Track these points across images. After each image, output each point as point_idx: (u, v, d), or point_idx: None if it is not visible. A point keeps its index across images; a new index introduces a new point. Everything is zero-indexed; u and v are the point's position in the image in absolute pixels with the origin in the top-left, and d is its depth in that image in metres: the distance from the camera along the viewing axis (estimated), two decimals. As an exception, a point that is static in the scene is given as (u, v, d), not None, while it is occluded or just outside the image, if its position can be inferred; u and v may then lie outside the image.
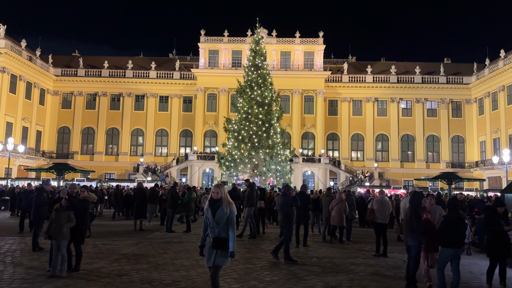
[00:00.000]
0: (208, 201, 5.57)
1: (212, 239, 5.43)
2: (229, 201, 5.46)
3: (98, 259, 9.23)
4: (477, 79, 50.32)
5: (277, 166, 30.09)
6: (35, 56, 49.56)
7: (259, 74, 31.78)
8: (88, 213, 7.63)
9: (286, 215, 9.62)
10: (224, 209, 5.41)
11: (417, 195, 7.13)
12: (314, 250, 11.39)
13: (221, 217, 5.37)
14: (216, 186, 5.60)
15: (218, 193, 5.44)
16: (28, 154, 46.69)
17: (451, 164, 50.57)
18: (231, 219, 5.43)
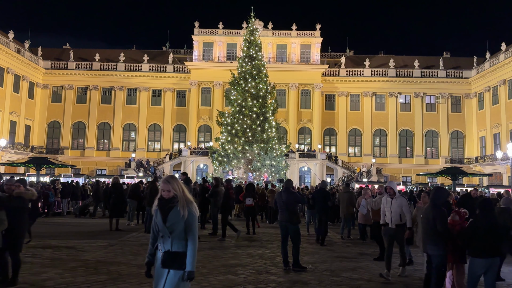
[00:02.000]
0: (157, 199, 4.01)
1: (162, 253, 3.91)
2: (187, 200, 3.92)
3: (51, 267, 7.83)
4: (477, 73, 49.28)
5: (272, 162, 28.89)
6: (24, 49, 48.06)
7: (254, 66, 30.51)
8: (26, 213, 6.28)
9: (293, 214, 8.50)
10: (180, 211, 3.85)
11: (441, 192, 5.81)
12: (310, 254, 10.13)
13: (176, 222, 3.83)
14: (166, 180, 4.00)
15: (169, 190, 3.89)
16: (16, 149, 45.30)
17: (450, 159, 49.56)
18: (191, 224, 3.89)
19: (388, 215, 7.87)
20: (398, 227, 7.76)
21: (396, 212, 7.70)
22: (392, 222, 7.78)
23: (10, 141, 45.03)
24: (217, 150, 30.80)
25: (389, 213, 7.82)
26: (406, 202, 7.79)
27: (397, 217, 7.74)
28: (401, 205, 7.71)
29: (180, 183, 3.99)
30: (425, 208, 5.88)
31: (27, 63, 47.98)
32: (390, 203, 7.83)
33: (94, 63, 51.48)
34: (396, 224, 7.76)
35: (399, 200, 7.78)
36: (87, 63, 51.71)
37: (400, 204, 7.72)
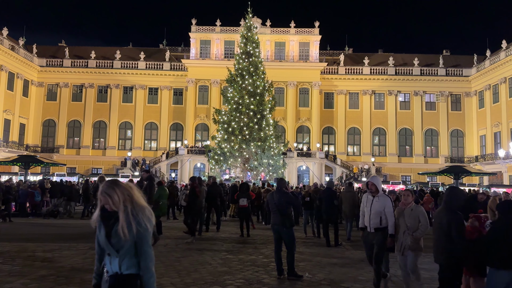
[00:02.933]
0: (99, 209, 3.12)
1: (109, 277, 3.03)
2: (137, 207, 3.01)
3: (19, 276, 7.03)
4: (478, 71, 48.73)
5: (269, 160, 28.24)
6: (18, 46, 47.34)
7: (251, 62, 29.84)
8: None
9: (286, 216, 7.54)
10: (120, 231, 2.94)
11: (456, 193, 4.94)
12: (307, 259, 9.28)
13: (121, 239, 2.95)
14: (104, 192, 3.04)
15: (110, 202, 2.99)
16: (10, 147, 44.57)
17: (450, 158, 49.02)
18: (141, 239, 2.98)
19: (367, 216, 6.63)
20: (377, 232, 6.50)
21: (377, 213, 6.50)
22: (370, 226, 6.58)
23: (4, 140, 44.39)
24: (213, 148, 30.12)
25: (368, 214, 6.59)
26: (391, 203, 6.52)
27: (377, 220, 6.50)
28: (383, 206, 6.46)
29: (126, 188, 3.06)
30: (437, 211, 5.09)
31: (22, 61, 47.26)
32: (371, 202, 6.60)
33: (89, 60, 50.77)
34: (375, 228, 6.52)
35: (382, 199, 6.50)
36: (83, 61, 51.01)
37: (383, 204, 6.47)
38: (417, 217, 6.22)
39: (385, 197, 6.58)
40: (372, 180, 6.79)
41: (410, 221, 6.23)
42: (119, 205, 2.99)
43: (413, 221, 6.21)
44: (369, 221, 6.60)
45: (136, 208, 3.03)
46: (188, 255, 9.13)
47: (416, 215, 6.25)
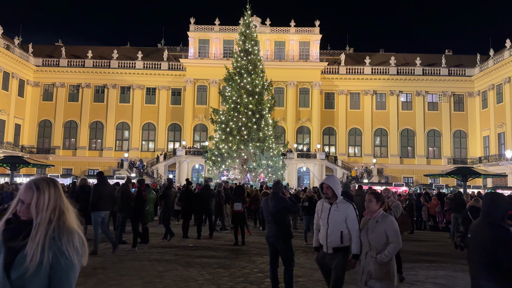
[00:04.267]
0: (3, 222, 2.03)
1: None
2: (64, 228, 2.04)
3: None
4: (481, 71, 47.91)
5: (268, 161, 27.36)
6: (13, 45, 46.55)
7: (249, 60, 28.98)
8: None
9: (283, 227, 6.29)
10: (29, 255, 1.92)
11: (497, 201, 3.45)
12: (308, 274, 8.06)
13: (27, 273, 1.91)
14: (41, 179, 2.11)
15: (29, 205, 2.02)
16: (5, 148, 43.74)
17: (453, 160, 48.16)
18: (61, 279, 1.97)
19: (323, 231, 4.95)
20: (337, 253, 4.83)
21: (336, 227, 4.83)
22: (327, 244, 4.87)
23: (-2, 141, 43.58)
24: (210, 149, 29.25)
25: (325, 228, 4.92)
26: (354, 212, 4.88)
27: (336, 236, 4.82)
28: (344, 216, 4.82)
29: (59, 196, 2.09)
30: (475, 225, 3.59)
31: (17, 60, 46.48)
32: (327, 212, 4.93)
33: (86, 60, 49.97)
34: (334, 248, 4.83)
35: (343, 208, 4.87)
36: (80, 61, 50.20)
37: (343, 214, 4.83)
38: (383, 233, 4.49)
39: (346, 205, 4.91)
40: (327, 181, 5.00)
41: (374, 237, 4.50)
42: (43, 213, 1.98)
43: (377, 237, 4.48)
44: (326, 238, 4.88)
45: (62, 228, 2.01)
46: (173, 269, 8.17)
47: (382, 229, 4.48)
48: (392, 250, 4.42)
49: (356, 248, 4.73)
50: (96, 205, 9.54)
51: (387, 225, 4.53)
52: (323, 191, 5.02)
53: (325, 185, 4.99)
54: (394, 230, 4.51)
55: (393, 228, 4.52)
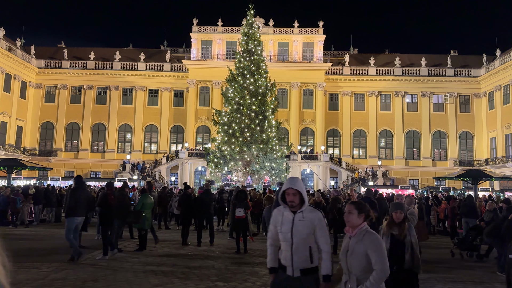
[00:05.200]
0: None
1: None
2: None
3: None
4: (487, 71, 47.21)
5: (271, 163, 26.84)
6: (15, 47, 46.33)
7: (252, 61, 28.50)
8: None
9: None
10: None
11: None
12: None
13: None
14: None
15: None
16: (7, 150, 43.46)
17: (459, 162, 47.45)
18: None
19: (286, 248, 3.82)
20: (306, 276, 3.75)
21: (304, 242, 3.76)
22: (293, 265, 3.76)
23: (0, 143, 43.31)
24: (212, 151, 28.75)
25: (288, 244, 3.80)
26: (323, 222, 3.85)
27: (305, 254, 3.75)
28: (312, 227, 3.77)
29: None
30: None
31: (19, 62, 46.25)
32: (290, 223, 3.83)
33: (89, 62, 49.68)
34: (302, 270, 3.75)
35: (310, 217, 3.80)
36: (82, 62, 49.91)
37: (311, 224, 3.77)
38: (363, 255, 3.50)
39: (314, 213, 3.84)
40: (294, 185, 3.84)
41: (352, 260, 3.56)
42: None
43: (355, 261, 3.53)
44: (291, 257, 3.77)
45: None
46: (168, 282, 7.54)
47: (362, 250, 3.50)
48: (375, 280, 3.39)
49: (327, 268, 3.70)
50: (73, 211, 9.05)
51: (369, 245, 3.47)
52: (287, 199, 3.85)
53: (291, 191, 3.82)
54: (379, 251, 3.46)
55: (377, 249, 3.47)
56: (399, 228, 4.93)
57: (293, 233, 3.79)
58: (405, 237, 4.91)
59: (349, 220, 3.68)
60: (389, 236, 4.96)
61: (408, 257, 4.85)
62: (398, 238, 4.91)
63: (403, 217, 4.76)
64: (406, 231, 4.96)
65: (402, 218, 4.90)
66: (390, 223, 4.99)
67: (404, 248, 4.88)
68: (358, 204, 3.76)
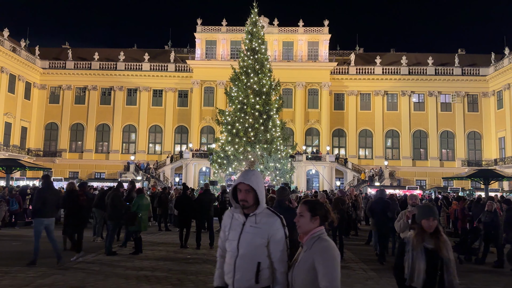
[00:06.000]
0: None
1: None
2: None
3: None
4: (495, 70, 46.43)
5: (276, 164, 26.39)
6: (20, 47, 46.31)
7: (256, 60, 28.06)
8: None
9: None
10: None
11: None
12: None
13: None
14: None
15: None
16: (11, 151, 43.39)
17: (467, 162, 46.69)
18: None
19: (230, 261, 3.08)
20: None
21: (251, 255, 3.00)
22: (234, 284, 3.03)
23: (4, 143, 43.26)
24: (216, 151, 28.36)
25: (233, 256, 3.05)
26: (282, 231, 3.06)
27: (250, 271, 2.99)
28: (266, 237, 3.01)
29: None
30: None
31: (23, 63, 46.22)
32: (239, 229, 3.08)
33: (93, 62, 49.57)
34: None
35: (266, 223, 3.04)
36: (86, 63, 49.81)
37: (266, 233, 3.02)
38: (309, 267, 2.84)
39: (271, 219, 3.05)
40: (242, 177, 3.10)
41: (295, 274, 2.91)
42: None
43: (300, 275, 2.87)
44: (233, 273, 3.01)
45: None
46: None
47: (309, 262, 2.84)
48: None
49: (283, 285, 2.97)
50: (39, 212, 8.67)
51: (317, 254, 2.77)
52: (238, 196, 3.07)
53: (243, 187, 3.03)
54: (328, 263, 2.75)
55: (326, 260, 2.77)
56: (434, 240, 3.69)
57: (240, 242, 3.00)
58: (443, 253, 3.68)
59: (300, 225, 2.96)
60: (423, 251, 3.68)
61: (450, 278, 3.63)
62: (435, 254, 3.66)
63: (437, 225, 3.71)
64: (445, 245, 3.70)
65: (435, 226, 3.72)
66: (420, 234, 3.74)
67: (443, 267, 3.64)
68: (312, 204, 3.02)
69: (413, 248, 3.69)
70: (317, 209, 2.99)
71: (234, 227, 3.09)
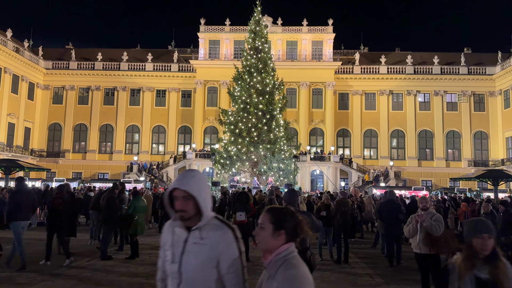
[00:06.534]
0: None
1: None
2: None
3: None
4: (502, 69, 45.80)
5: (279, 164, 26.02)
6: (23, 48, 46.23)
7: (259, 59, 27.73)
8: None
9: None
10: None
11: None
12: None
13: None
14: None
15: None
16: (14, 152, 43.29)
17: (473, 162, 46.09)
18: None
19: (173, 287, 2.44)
20: None
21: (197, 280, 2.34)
22: None
23: (8, 144, 43.19)
24: (219, 152, 28.03)
25: (175, 282, 2.39)
26: (235, 247, 2.37)
27: None
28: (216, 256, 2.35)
29: None
30: None
31: (27, 63, 46.15)
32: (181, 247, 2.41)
33: (96, 62, 49.43)
34: None
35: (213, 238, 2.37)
36: (89, 63, 49.69)
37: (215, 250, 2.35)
38: None
39: (221, 231, 2.40)
40: (178, 181, 2.45)
41: None
42: None
43: None
44: None
45: None
46: None
47: None
48: None
49: None
50: (14, 215, 8.36)
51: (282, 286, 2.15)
52: (175, 205, 2.41)
53: (179, 193, 2.38)
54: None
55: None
56: (490, 266, 2.74)
57: (182, 264, 2.37)
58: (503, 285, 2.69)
59: (259, 240, 2.26)
60: (473, 282, 2.77)
61: None
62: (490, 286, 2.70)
63: (494, 246, 2.79)
64: (506, 273, 2.73)
65: (491, 247, 2.74)
66: (470, 258, 2.80)
67: None
68: (277, 213, 2.28)
69: (460, 277, 2.76)
70: (284, 221, 2.25)
71: (176, 244, 2.42)
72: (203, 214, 2.39)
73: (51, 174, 44.88)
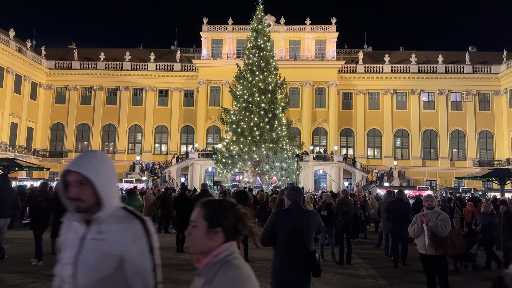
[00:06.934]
0: None
1: None
2: None
3: None
4: (508, 67, 45.35)
5: (282, 164, 25.76)
6: (26, 48, 46.21)
7: (262, 57, 27.51)
8: None
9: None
10: None
11: None
12: None
13: None
14: None
15: None
16: (17, 152, 43.25)
17: (478, 162, 45.65)
18: None
19: None
20: None
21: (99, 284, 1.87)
22: None
23: (10, 144, 43.15)
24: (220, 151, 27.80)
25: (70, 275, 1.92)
26: (143, 242, 1.92)
27: None
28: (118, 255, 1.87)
29: None
30: None
31: (29, 63, 46.12)
32: (76, 245, 1.96)
33: (99, 62, 49.36)
34: None
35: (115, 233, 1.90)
36: (92, 63, 49.62)
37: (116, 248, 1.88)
38: None
39: (125, 224, 1.92)
40: (73, 165, 1.99)
41: None
42: None
43: None
44: None
45: None
46: None
47: None
48: None
49: None
50: None
51: None
52: (69, 192, 1.93)
53: (73, 178, 1.95)
54: None
55: None
56: None
57: (78, 266, 1.90)
58: None
59: (192, 241, 1.88)
60: None
61: None
62: None
63: None
64: None
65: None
66: None
67: None
68: (211, 208, 1.89)
69: None
70: (221, 216, 1.86)
71: (72, 243, 1.94)
72: (103, 203, 1.91)
73: (54, 174, 44.83)
